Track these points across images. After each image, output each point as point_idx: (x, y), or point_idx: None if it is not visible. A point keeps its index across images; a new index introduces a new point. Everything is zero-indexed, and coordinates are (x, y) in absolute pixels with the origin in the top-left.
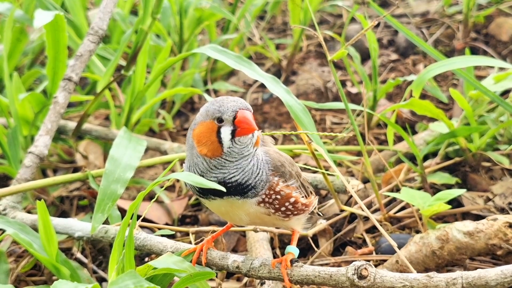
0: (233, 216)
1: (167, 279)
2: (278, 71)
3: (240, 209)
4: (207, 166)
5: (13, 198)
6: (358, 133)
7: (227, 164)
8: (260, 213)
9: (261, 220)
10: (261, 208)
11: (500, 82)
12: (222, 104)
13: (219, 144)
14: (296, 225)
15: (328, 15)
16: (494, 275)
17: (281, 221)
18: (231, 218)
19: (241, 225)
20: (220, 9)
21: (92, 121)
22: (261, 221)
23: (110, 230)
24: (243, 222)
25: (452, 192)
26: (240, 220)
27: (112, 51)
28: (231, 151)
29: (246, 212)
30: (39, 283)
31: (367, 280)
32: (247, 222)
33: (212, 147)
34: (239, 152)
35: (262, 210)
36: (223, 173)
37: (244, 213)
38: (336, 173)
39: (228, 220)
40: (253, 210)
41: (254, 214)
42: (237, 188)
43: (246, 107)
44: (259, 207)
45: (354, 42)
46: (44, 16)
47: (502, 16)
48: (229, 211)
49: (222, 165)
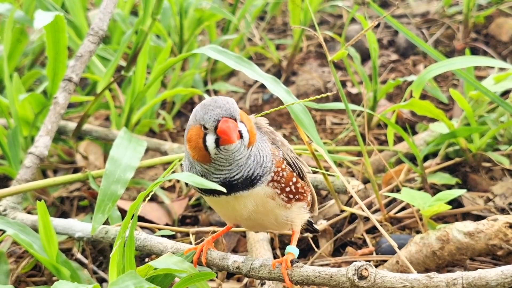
0: (237, 208)
1: (167, 280)
2: (278, 72)
3: (247, 198)
4: (203, 169)
5: (13, 198)
6: (358, 134)
7: (223, 167)
8: (266, 197)
9: (264, 208)
10: (269, 188)
11: (500, 83)
12: (206, 112)
13: (205, 151)
14: (296, 217)
15: (328, 15)
16: (495, 275)
17: (284, 209)
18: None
19: (241, 222)
20: (220, 10)
21: (92, 122)
22: (264, 210)
23: (110, 230)
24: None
25: (452, 193)
26: (242, 215)
27: (112, 52)
28: (219, 158)
29: (253, 198)
30: (39, 284)
31: (367, 280)
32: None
33: (200, 153)
34: (229, 158)
35: (270, 191)
36: (224, 174)
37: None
38: (337, 173)
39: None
40: (260, 193)
41: (260, 200)
42: (245, 182)
43: (230, 114)
44: (267, 188)
45: (354, 42)
46: (44, 16)
47: (502, 16)
48: (234, 203)
49: (218, 168)
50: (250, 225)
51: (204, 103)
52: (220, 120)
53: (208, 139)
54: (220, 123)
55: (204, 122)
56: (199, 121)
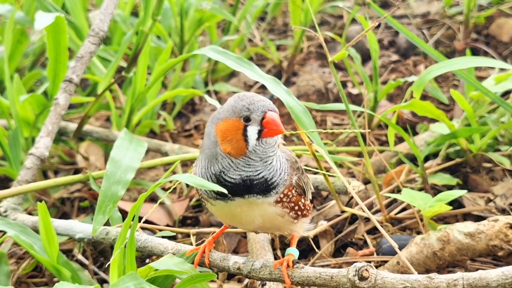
0: (246, 218)
1: (168, 281)
2: (279, 72)
3: (257, 210)
4: (231, 164)
5: (14, 199)
6: (359, 134)
7: (252, 162)
8: (275, 214)
9: (271, 223)
10: (277, 208)
11: (501, 83)
12: (252, 103)
13: (244, 143)
14: (300, 228)
15: (329, 16)
16: (495, 276)
17: (290, 224)
18: (241, 221)
19: (248, 229)
20: (221, 11)
21: (93, 123)
22: (271, 224)
23: (111, 231)
24: (253, 225)
25: (453, 193)
26: (250, 223)
27: (113, 53)
28: (256, 151)
29: (262, 213)
30: (40, 285)
31: (368, 281)
32: (257, 226)
33: (236, 146)
34: (264, 152)
35: (278, 210)
36: (249, 171)
37: (259, 214)
38: (337, 174)
39: (236, 225)
40: (270, 211)
41: (268, 216)
42: (263, 185)
43: (274, 108)
44: (275, 208)
45: (354, 43)
46: (45, 17)
47: (503, 17)
48: (244, 211)
49: (247, 163)
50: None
51: (240, 97)
52: (266, 112)
53: (251, 130)
54: (267, 114)
55: (250, 112)
56: (241, 112)
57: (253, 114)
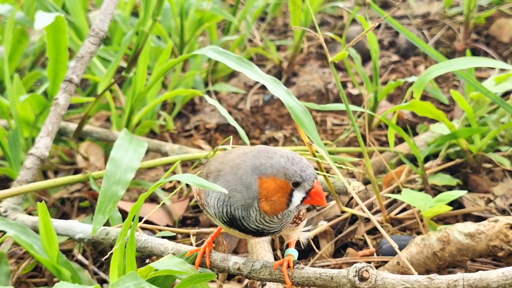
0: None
1: (168, 281)
2: (279, 73)
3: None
4: (257, 217)
5: (14, 199)
6: (359, 135)
7: (276, 220)
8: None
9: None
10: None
11: (501, 84)
12: (304, 170)
13: (286, 207)
14: (299, 231)
15: (329, 16)
16: (496, 276)
17: (290, 231)
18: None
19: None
20: (221, 11)
21: (93, 123)
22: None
23: (111, 231)
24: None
25: (453, 194)
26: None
27: (113, 53)
28: (289, 214)
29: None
30: (40, 285)
31: (368, 282)
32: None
33: (276, 207)
34: (292, 215)
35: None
36: (266, 225)
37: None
38: (337, 174)
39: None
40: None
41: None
42: (270, 233)
43: (316, 176)
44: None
45: (355, 43)
46: (45, 17)
47: (503, 17)
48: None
49: (271, 220)
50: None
51: (290, 160)
52: (314, 181)
53: (296, 196)
54: (315, 183)
55: (303, 180)
56: (292, 177)
57: (305, 182)
